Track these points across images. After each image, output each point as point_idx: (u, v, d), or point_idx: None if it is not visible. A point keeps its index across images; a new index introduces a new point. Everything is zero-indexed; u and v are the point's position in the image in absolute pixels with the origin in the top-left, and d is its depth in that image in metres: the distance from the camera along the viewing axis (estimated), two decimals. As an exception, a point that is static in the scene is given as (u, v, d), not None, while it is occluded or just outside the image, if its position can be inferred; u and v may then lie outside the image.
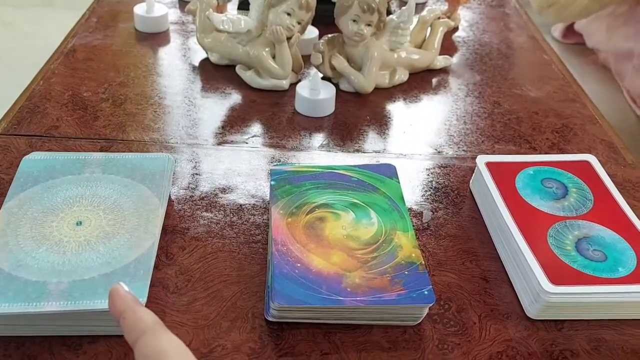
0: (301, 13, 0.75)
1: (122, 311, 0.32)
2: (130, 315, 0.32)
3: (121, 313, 0.32)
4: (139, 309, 0.32)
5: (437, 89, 0.83)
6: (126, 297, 0.33)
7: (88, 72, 0.80)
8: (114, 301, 0.33)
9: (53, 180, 0.54)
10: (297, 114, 0.75)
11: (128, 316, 0.32)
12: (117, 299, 0.33)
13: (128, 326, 0.32)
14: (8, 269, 0.45)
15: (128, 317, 0.32)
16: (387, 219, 0.54)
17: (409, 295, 0.47)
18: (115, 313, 0.33)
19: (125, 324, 0.32)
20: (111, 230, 0.50)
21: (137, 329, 0.31)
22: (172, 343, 0.30)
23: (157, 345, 0.30)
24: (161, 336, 0.31)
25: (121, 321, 0.32)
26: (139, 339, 0.31)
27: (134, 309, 0.32)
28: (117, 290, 0.33)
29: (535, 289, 0.49)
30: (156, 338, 0.30)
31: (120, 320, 0.32)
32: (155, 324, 0.31)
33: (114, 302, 0.33)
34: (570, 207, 0.57)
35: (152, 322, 0.31)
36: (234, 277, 0.52)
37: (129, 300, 0.33)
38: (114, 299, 0.33)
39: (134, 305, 0.32)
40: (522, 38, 0.98)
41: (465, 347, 0.48)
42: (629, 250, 0.52)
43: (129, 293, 0.33)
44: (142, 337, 0.31)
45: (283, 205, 0.55)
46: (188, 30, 0.92)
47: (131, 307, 0.32)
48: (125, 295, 0.33)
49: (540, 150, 0.72)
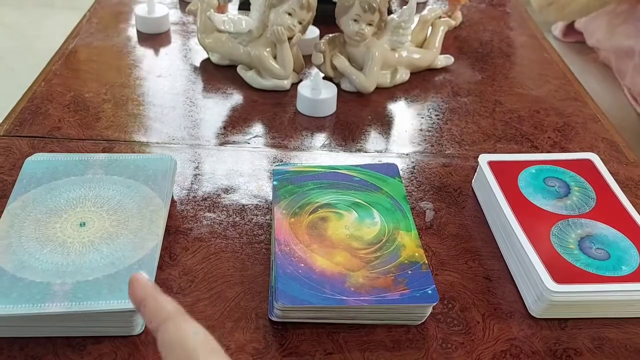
0: (302, 13, 0.75)
1: (142, 299, 0.32)
2: (151, 302, 0.31)
3: (141, 301, 0.32)
4: (160, 297, 0.31)
5: (439, 88, 0.83)
6: (146, 285, 0.32)
7: (89, 73, 0.80)
8: (134, 289, 0.32)
9: (56, 182, 0.54)
10: (299, 114, 0.75)
11: (149, 304, 0.31)
12: (137, 287, 0.32)
13: (149, 314, 0.31)
14: (12, 270, 0.45)
15: (149, 304, 0.31)
16: (390, 219, 0.54)
17: (413, 294, 0.47)
18: (135, 301, 0.32)
19: (147, 312, 0.31)
20: (114, 231, 0.50)
21: (159, 317, 0.31)
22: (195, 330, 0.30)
23: (180, 332, 0.30)
24: (184, 323, 0.30)
25: (142, 309, 0.32)
26: (161, 326, 0.30)
27: (155, 296, 0.31)
28: (137, 278, 0.32)
29: (538, 287, 0.49)
30: (178, 325, 0.30)
31: (140, 308, 0.32)
32: (177, 311, 0.31)
33: (134, 289, 0.32)
34: (572, 205, 0.57)
35: (174, 309, 0.31)
36: (237, 278, 0.52)
37: (149, 287, 0.32)
38: (133, 286, 0.32)
39: (154, 292, 0.32)
40: (523, 37, 0.98)
41: (468, 346, 0.48)
42: (632, 249, 0.52)
43: (149, 281, 0.32)
44: (164, 324, 0.30)
45: (286, 205, 0.55)
46: (189, 30, 0.92)
47: (152, 295, 0.32)
48: (146, 283, 0.32)
49: (542, 149, 0.72)
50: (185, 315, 0.30)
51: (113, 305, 0.43)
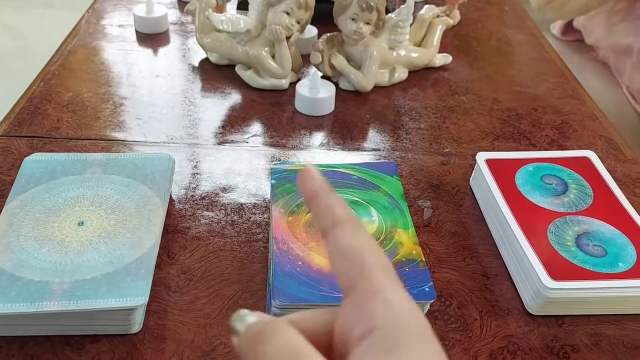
0: (300, 12, 0.75)
1: (313, 194, 0.29)
2: (323, 200, 0.28)
3: (313, 196, 0.29)
4: (332, 196, 0.29)
5: (437, 87, 0.83)
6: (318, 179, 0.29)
7: (88, 73, 0.80)
8: (305, 181, 0.29)
9: (54, 181, 0.54)
10: (297, 113, 0.75)
11: (321, 201, 0.29)
12: (308, 180, 0.29)
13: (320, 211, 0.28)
14: (10, 270, 0.46)
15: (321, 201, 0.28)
16: (388, 217, 0.54)
17: (410, 292, 0.47)
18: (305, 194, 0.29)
19: (317, 208, 0.29)
20: (113, 230, 0.50)
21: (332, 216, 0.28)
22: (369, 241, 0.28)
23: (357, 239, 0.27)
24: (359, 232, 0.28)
25: (313, 204, 0.29)
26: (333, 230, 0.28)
27: (328, 194, 0.29)
28: (309, 169, 0.29)
29: (535, 284, 0.50)
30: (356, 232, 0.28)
31: (311, 202, 0.29)
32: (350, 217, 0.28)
33: (305, 182, 0.29)
34: (570, 203, 0.57)
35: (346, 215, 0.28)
36: (235, 276, 0.52)
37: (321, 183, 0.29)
38: (304, 179, 0.29)
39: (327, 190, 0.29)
40: (521, 35, 0.98)
41: (466, 343, 0.48)
42: (628, 246, 0.52)
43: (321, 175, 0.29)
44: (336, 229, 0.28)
45: (284, 203, 0.55)
46: (187, 30, 0.92)
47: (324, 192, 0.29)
48: (318, 177, 0.29)
49: (539, 147, 0.72)
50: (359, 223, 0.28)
51: (111, 303, 0.44)
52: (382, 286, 0.25)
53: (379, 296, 0.25)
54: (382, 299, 0.25)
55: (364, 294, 0.26)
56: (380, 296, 0.25)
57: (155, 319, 0.48)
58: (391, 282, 0.26)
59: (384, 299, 0.25)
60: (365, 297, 0.26)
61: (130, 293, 0.44)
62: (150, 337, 0.47)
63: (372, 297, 0.25)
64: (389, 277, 0.26)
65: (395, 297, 0.25)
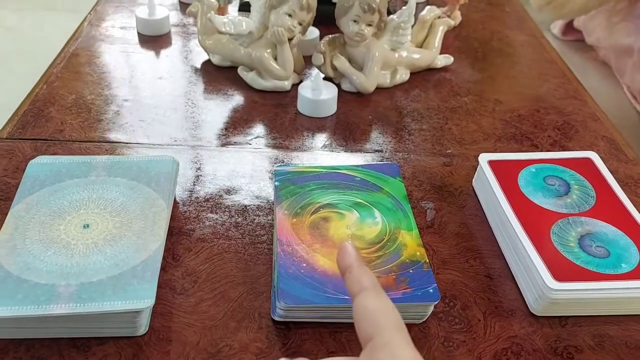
0: (302, 14, 0.75)
1: (348, 266, 0.36)
2: (356, 271, 0.35)
3: (347, 267, 0.36)
4: (363, 268, 0.36)
5: (438, 88, 0.83)
6: (353, 255, 0.36)
7: (91, 75, 0.80)
8: (343, 255, 0.36)
9: (59, 184, 0.54)
10: (300, 114, 0.75)
11: (353, 271, 0.35)
12: (345, 255, 0.36)
13: (351, 280, 0.35)
14: (17, 273, 0.46)
15: (353, 272, 0.35)
16: (391, 218, 0.54)
17: (414, 293, 0.47)
18: (341, 266, 0.36)
19: (350, 278, 0.35)
20: (118, 232, 0.50)
21: (360, 285, 0.35)
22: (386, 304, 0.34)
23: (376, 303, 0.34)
24: (379, 297, 0.34)
25: (346, 275, 0.36)
26: (360, 293, 0.34)
27: (360, 266, 0.36)
28: (347, 247, 0.37)
29: (539, 285, 0.50)
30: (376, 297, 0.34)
31: (345, 274, 0.36)
32: (374, 285, 0.35)
33: (343, 256, 0.36)
34: (572, 204, 0.57)
35: (371, 283, 0.35)
36: (240, 278, 0.52)
37: (355, 258, 0.36)
38: (342, 254, 0.36)
39: (359, 263, 0.36)
40: (522, 36, 0.99)
41: (470, 344, 0.48)
42: (632, 247, 0.53)
43: (356, 251, 0.37)
44: (363, 292, 0.34)
45: (287, 205, 0.55)
46: (190, 32, 0.92)
47: (357, 264, 0.36)
48: (353, 253, 0.36)
49: (542, 148, 0.72)
50: (380, 290, 0.35)
51: (117, 306, 0.44)
52: (391, 341, 0.32)
53: (387, 349, 0.31)
54: (389, 352, 0.31)
55: (376, 346, 0.32)
56: (387, 349, 0.31)
57: (161, 321, 0.48)
58: (399, 338, 0.32)
59: (390, 352, 0.31)
60: (377, 349, 0.32)
61: (136, 295, 0.45)
62: (156, 339, 0.47)
63: (382, 349, 0.31)
64: (399, 334, 0.32)
65: (400, 351, 0.31)
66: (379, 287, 0.35)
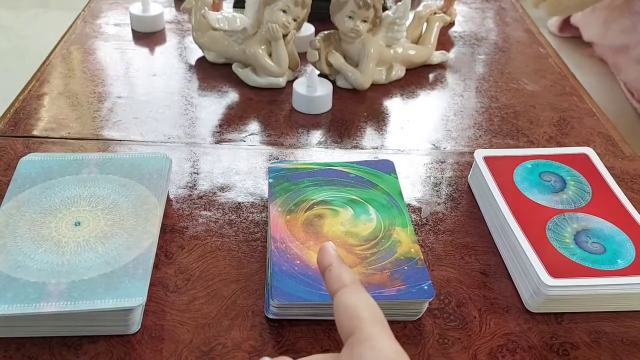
0: (297, 10, 0.75)
1: (328, 265, 0.37)
2: (335, 270, 0.36)
3: (327, 267, 0.37)
4: (343, 267, 0.36)
5: (434, 84, 0.83)
6: (333, 254, 0.37)
7: (84, 72, 0.80)
8: (322, 255, 0.37)
9: (51, 181, 0.54)
10: (295, 111, 0.75)
11: (333, 269, 0.36)
12: (325, 254, 0.37)
13: (331, 278, 0.36)
14: (7, 271, 0.45)
15: (333, 270, 0.36)
16: (386, 215, 0.54)
17: (409, 290, 0.47)
18: (321, 266, 0.37)
19: (329, 276, 0.36)
20: (110, 230, 0.50)
21: (339, 282, 0.35)
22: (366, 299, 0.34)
23: (355, 298, 0.34)
24: (359, 292, 0.35)
25: (326, 273, 0.37)
26: (339, 290, 0.35)
27: (339, 265, 0.36)
28: (326, 247, 0.38)
29: (534, 282, 0.49)
30: (355, 292, 0.35)
31: (325, 273, 0.37)
32: (353, 281, 0.35)
33: (322, 255, 0.37)
34: (568, 200, 0.57)
35: (350, 279, 0.35)
36: (233, 275, 0.52)
37: (335, 257, 0.37)
38: (322, 253, 0.37)
39: (339, 262, 0.37)
40: (519, 32, 0.98)
41: (465, 342, 0.48)
42: (627, 242, 0.52)
43: (336, 251, 0.38)
44: (343, 289, 0.35)
45: (281, 202, 0.55)
46: (184, 29, 0.92)
47: (337, 263, 0.36)
48: (333, 253, 0.37)
49: (538, 144, 0.72)
50: (359, 286, 0.35)
51: (108, 304, 0.43)
52: (371, 335, 0.32)
53: (368, 342, 0.31)
54: (369, 345, 0.31)
55: (356, 340, 0.32)
56: (368, 342, 0.31)
57: (153, 319, 0.48)
58: (379, 330, 0.32)
59: (371, 345, 0.31)
60: (357, 343, 0.32)
61: (128, 293, 0.44)
62: (149, 338, 0.46)
63: (363, 342, 0.32)
64: (379, 327, 0.32)
65: (381, 344, 0.31)
66: (359, 283, 0.36)
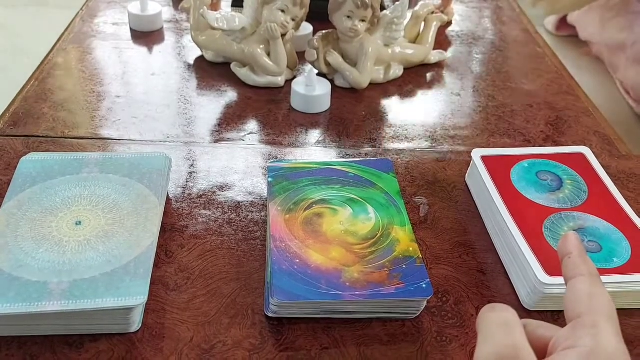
0: (295, 10, 0.75)
1: (569, 252, 0.36)
2: (575, 258, 0.36)
3: (567, 254, 0.36)
4: (584, 257, 0.36)
5: (432, 84, 0.83)
6: (575, 243, 0.37)
7: (83, 71, 0.80)
8: (565, 242, 0.37)
9: (51, 181, 0.54)
10: (293, 110, 0.75)
11: (573, 257, 0.36)
12: (567, 242, 0.37)
13: (569, 265, 0.36)
14: (9, 270, 0.46)
15: (573, 258, 0.36)
16: (385, 214, 0.54)
17: (407, 288, 0.47)
18: (561, 252, 0.37)
19: (568, 263, 0.36)
20: (110, 229, 0.50)
21: (577, 270, 0.35)
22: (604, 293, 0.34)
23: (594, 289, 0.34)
24: (598, 285, 0.34)
25: (565, 259, 0.36)
26: (577, 277, 0.35)
27: (580, 254, 0.36)
28: (570, 235, 0.37)
29: (531, 280, 0.50)
30: (594, 285, 0.34)
31: (564, 259, 0.37)
32: (590, 273, 0.35)
33: (565, 242, 0.37)
34: (565, 199, 0.57)
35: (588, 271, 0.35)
36: (233, 274, 0.52)
37: (577, 246, 0.37)
38: (565, 241, 0.37)
39: (580, 251, 0.36)
40: (516, 31, 0.99)
41: (463, 339, 0.48)
42: (623, 241, 0.53)
43: (580, 241, 0.37)
44: (582, 277, 0.35)
45: (281, 201, 0.55)
46: (182, 28, 0.92)
47: (577, 252, 0.36)
48: (575, 242, 0.37)
49: (534, 143, 0.72)
50: (599, 279, 0.35)
51: (110, 303, 0.44)
52: (600, 326, 0.31)
53: (592, 329, 0.31)
54: (593, 333, 0.31)
55: (582, 325, 0.32)
56: (593, 329, 0.31)
57: (154, 317, 0.48)
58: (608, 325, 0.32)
59: (594, 333, 0.31)
60: (581, 327, 0.32)
61: (129, 292, 0.44)
62: (149, 336, 0.47)
63: (587, 329, 0.31)
64: (609, 321, 0.32)
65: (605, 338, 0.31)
66: (599, 277, 0.35)
